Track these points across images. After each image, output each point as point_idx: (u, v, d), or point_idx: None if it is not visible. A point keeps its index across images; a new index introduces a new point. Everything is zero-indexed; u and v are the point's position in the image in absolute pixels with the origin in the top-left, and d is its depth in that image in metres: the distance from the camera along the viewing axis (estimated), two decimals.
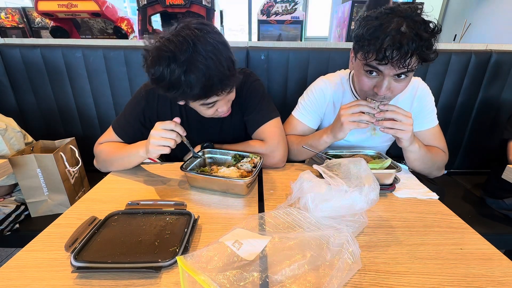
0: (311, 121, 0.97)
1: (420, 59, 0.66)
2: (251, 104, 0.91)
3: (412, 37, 0.62)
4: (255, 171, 0.74)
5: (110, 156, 0.87)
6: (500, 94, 1.42)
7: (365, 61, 0.70)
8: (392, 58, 0.63)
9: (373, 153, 0.87)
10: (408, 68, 0.66)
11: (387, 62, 0.65)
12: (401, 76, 0.69)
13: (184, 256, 0.43)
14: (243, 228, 0.54)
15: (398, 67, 0.65)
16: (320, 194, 0.58)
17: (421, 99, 0.89)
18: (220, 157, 0.87)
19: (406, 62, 0.64)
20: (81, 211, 0.66)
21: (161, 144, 0.72)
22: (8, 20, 2.50)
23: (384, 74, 0.69)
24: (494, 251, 0.54)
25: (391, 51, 0.63)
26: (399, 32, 0.62)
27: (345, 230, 0.53)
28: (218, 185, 0.74)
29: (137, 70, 1.35)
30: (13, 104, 1.39)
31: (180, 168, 0.75)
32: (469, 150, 1.54)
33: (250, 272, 0.44)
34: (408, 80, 0.72)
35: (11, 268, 0.49)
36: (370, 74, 0.72)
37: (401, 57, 0.63)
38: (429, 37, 0.64)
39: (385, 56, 0.63)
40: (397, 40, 0.62)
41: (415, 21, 0.63)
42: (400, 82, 0.71)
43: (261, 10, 1.99)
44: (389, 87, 0.71)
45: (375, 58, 0.66)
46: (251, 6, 4.43)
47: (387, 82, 0.69)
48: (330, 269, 0.45)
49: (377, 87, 0.71)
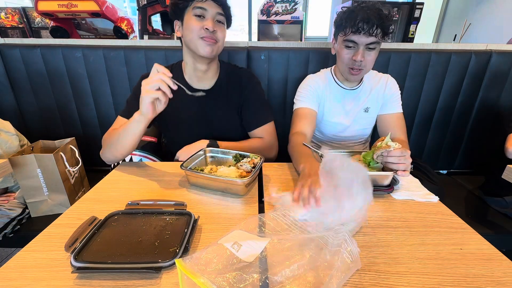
0: (313, 105, 1.09)
1: (383, 32, 0.90)
2: (256, 102, 1.05)
3: (375, 15, 0.87)
4: (254, 171, 0.74)
5: (112, 138, 0.88)
6: (500, 94, 1.42)
7: (344, 36, 0.94)
8: (364, 29, 0.88)
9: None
10: (377, 38, 0.89)
11: (360, 32, 0.89)
12: (371, 46, 0.92)
13: (183, 259, 0.43)
14: (242, 230, 0.54)
15: (368, 35, 0.89)
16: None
17: (391, 87, 1.09)
18: (222, 156, 0.88)
19: (373, 31, 0.88)
20: (81, 211, 0.66)
21: (152, 88, 0.73)
22: (8, 20, 2.50)
23: (358, 44, 0.92)
24: (494, 251, 0.54)
25: (362, 24, 0.88)
26: (366, 12, 0.88)
27: (343, 229, 0.53)
28: (217, 185, 0.74)
29: (137, 70, 1.35)
30: (13, 104, 1.39)
31: (180, 166, 0.75)
32: (469, 150, 1.54)
33: (249, 273, 0.43)
34: (376, 52, 0.95)
35: (11, 268, 0.49)
36: (349, 48, 0.94)
37: (369, 27, 0.87)
38: (386, 17, 0.89)
39: (358, 28, 0.88)
40: (366, 15, 0.87)
41: (376, 8, 0.89)
42: (370, 53, 0.93)
43: (261, 10, 1.98)
44: (363, 55, 0.92)
45: (351, 31, 0.90)
46: (251, 6, 4.43)
47: (361, 50, 0.92)
48: (329, 269, 0.45)
49: (355, 56, 0.93)
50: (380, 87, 1.08)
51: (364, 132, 1.17)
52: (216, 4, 0.89)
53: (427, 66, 1.36)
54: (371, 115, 1.11)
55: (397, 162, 0.73)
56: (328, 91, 1.11)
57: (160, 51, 1.32)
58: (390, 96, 1.08)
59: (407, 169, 0.74)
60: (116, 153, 0.88)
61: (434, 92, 1.42)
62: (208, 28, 0.88)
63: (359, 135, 1.17)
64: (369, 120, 1.14)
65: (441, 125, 1.49)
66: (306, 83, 1.12)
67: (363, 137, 1.19)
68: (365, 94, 1.09)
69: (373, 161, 0.78)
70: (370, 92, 1.09)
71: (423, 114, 1.47)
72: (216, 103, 1.02)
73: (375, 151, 0.76)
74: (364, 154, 0.80)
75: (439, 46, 1.39)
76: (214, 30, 0.89)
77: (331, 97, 1.10)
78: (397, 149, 0.73)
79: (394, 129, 1.07)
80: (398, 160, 0.73)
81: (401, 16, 2.47)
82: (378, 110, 1.11)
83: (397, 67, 1.35)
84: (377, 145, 0.77)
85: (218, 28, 0.90)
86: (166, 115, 0.92)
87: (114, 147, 0.87)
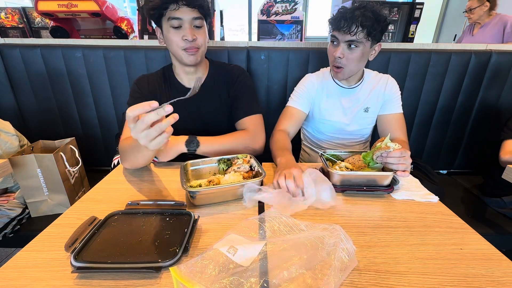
0: (303, 105, 1.12)
1: (366, 32, 0.90)
2: (243, 94, 1.03)
3: (359, 15, 0.88)
4: (258, 166, 0.75)
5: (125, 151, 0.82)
6: (500, 94, 1.42)
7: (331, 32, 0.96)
8: (343, 27, 0.89)
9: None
10: (355, 37, 0.90)
11: (339, 29, 0.91)
12: (351, 45, 0.93)
13: (178, 266, 0.43)
14: (237, 233, 0.54)
15: (346, 33, 0.90)
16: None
17: (391, 87, 1.09)
18: (204, 167, 0.81)
19: (352, 30, 0.89)
20: (81, 211, 0.66)
21: (149, 137, 0.55)
22: (8, 20, 2.50)
23: (339, 40, 0.94)
24: (494, 251, 0.54)
25: (344, 21, 0.89)
26: (351, 12, 0.89)
27: (338, 228, 0.53)
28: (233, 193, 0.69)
29: (137, 70, 1.35)
30: (13, 104, 1.40)
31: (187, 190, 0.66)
32: (469, 150, 1.54)
33: (246, 278, 0.43)
34: (358, 53, 0.94)
35: (11, 268, 0.49)
36: (333, 43, 0.97)
37: (349, 25, 0.88)
38: (375, 19, 0.88)
39: (337, 25, 0.91)
40: (348, 14, 0.89)
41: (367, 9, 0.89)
42: (351, 52, 0.94)
43: (261, 10, 1.99)
44: (343, 52, 0.94)
45: (333, 28, 0.94)
46: (251, 6, 4.43)
47: (341, 47, 0.94)
48: (326, 268, 0.45)
49: (336, 52, 0.95)
50: (380, 87, 1.08)
51: (364, 132, 1.17)
52: (191, 8, 0.85)
53: (427, 66, 1.36)
54: (371, 115, 1.11)
55: (397, 162, 0.73)
56: (325, 89, 1.11)
57: (160, 51, 1.32)
58: (390, 96, 1.08)
59: (407, 170, 0.74)
60: (133, 165, 0.85)
61: (434, 92, 1.42)
62: (188, 39, 0.86)
63: (359, 135, 1.17)
64: (369, 120, 1.14)
65: (441, 125, 1.49)
66: (302, 83, 1.14)
67: (363, 137, 1.19)
68: (365, 93, 1.09)
69: (372, 161, 0.78)
70: (370, 92, 1.08)
71: (423, 114, 1.47)
72: (207, 98, 1.02)
73: (374, 152, 0.76)
74: (364, 154, 0.80)
75: (439, 46, 1.39)
76: (194, 39, 0.87)
77: (328, 95, 1.11)
78: (397, 150, 0.73)
79: (394, 130, 1.07)
80: (398, 161, 0.73)
81: (401, 16, 2.47)
82: (378, 110, 1.11)
83: (397, 67, 1.35)
84: (376, 145, 0.77)
85: (197, 34, 0.89)
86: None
87: (131, 161, 0.82)
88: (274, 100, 1.42)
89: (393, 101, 1.09)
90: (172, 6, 0.84)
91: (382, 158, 0.75)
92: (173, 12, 0.84)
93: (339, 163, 0.82)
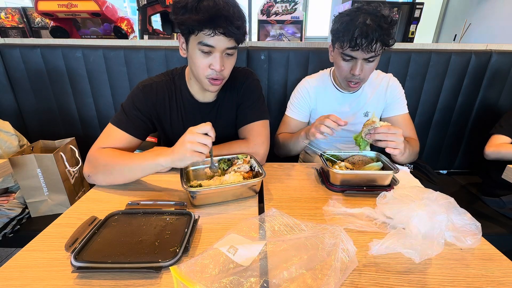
0: (300, 115, 1.11)
1: (383, 44, 0.85)
2: (248, 100, 0.94)
3: (375, 27, 0.81)
4: (258, 167, 0.74)
5: (115, 162, 0.75)
6: (500, 94, 1.42)
7: (341, 49, 0.89)
8: (362, 45, 0.83)
9: (372, 155, 0.87)
10: (375, 53, 0.85)
11: (358, 49, 0.84)
12: (370, 59, 0.88)
13: (178, 266, 0.43)
14: (238, 233, 0.54)
15: (367, 52, 0.84)
16: None
17: (393, 89, 1.06)
18: (204, 167, 0.80)
19: (372, 48, 0.83)
20: (81, 211, 0.66)
21: (197, 150, 0.63)
22: (8, 20, 2.50)
23: (357, 58, 0.88)
24: (494, 251, 0.54)
25: (360, 40, 0.82)
26: (365, 25, 0.81)
27: (338, 228, 0.53)
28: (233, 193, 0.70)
29: (137, 70, 1.35)
30: (13, 104, 1.40)
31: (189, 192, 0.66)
32: (469, 150, 1.54)
33: (246, 277, 0.43)
34: (376, 62, 0.91)
35: (11, 268, 0.49)
36: (346, 60, 0.91)
37: (368, 43, 0.82)
38: (388, 27, 0.83)
39: (356, 44, 0.83)
40: (364, 30, 0.81)
41: (377, 16, 0.82)
42: (369, 64, 0.90)
43: (261, 10, 1.99)
44: (361, 68, 0.89)
45: (349, 46, 0.85)
46: (251, 6, 4.42)
47: (359, 64, 0.89)
48: (327, 269, 0.45)
49: (353, 69, 0.90)
50: (381, 89, 1.06)
51: None
52: (227, 38, 0.72)
53: (427, 66, 1.36)
54: None
55: (385, 139, 0.73)
56: (324, 95, 1.08)
57: (160, 51, 1.32)
58: (393, 98, 1.06)
59: (398, 147, 0.74)
60: (112, 181, 0.77)
61: (434, 92, 1.42)
62: (215, 69, 0.76)
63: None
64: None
65: (441, 125, 1.49)
66: (298, 90, 1.11)
67: None
68: (365, 98, 1.07)
69: (363, 140, 0.79)
70: (371, 96, 1.06)
71: (423, 114, 1.46)
72: (218, 112, 0.96)
73: (363, 129, 0.78)
74: (355, 135, 0.82)
75: (439, 46, 1.39)
76: (222, 70, 0.76)
77: (326, 101, 1.09)
78: (384, 126, 0.74)
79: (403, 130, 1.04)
80: (386, 137, 0.73)
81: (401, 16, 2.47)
82: (380, 112, 1.09)
83: (397, 67, 1.35)
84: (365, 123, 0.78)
85: (227, 63, 0.78)
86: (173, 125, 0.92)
87: (113, 176, 0.76)
88: (274, 100, 1.42)
89: (397, 102, 1.06)
90: (207, 30, 0.71)
91: (370, 135, 0.76)
92: (206, 38, 0.71)
93: (339, 163, 0.82)
